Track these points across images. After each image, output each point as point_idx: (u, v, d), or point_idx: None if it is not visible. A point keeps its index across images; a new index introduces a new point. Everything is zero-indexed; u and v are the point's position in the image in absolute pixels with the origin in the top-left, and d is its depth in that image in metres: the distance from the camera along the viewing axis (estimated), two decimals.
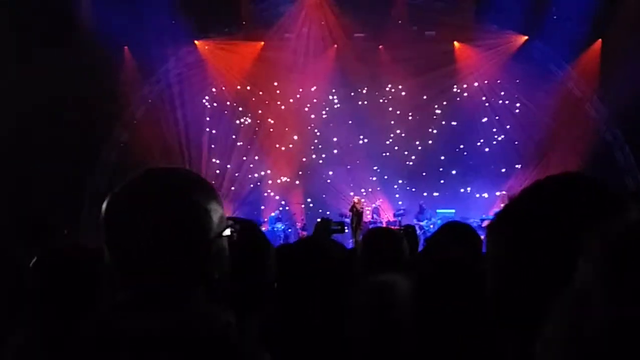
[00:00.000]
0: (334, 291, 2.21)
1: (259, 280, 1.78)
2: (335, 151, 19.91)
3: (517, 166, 18.92)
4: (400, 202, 19.44)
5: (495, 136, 19.49)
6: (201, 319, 1.33)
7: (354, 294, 2.25)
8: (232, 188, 19.25)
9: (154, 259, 1.32)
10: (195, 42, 18.67)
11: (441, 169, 19.66)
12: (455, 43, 19.05)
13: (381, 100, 19.85)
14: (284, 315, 2.13)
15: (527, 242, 0.99)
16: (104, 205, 1.38)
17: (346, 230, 15.61)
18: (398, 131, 19.92)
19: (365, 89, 19.78)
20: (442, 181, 19.67)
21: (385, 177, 19.78)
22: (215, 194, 1.45)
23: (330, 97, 19.83)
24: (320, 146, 19.98)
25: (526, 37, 18.42)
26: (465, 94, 19.65)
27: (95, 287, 2.04)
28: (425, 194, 19.37)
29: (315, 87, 19.55)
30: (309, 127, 19.96)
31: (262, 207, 19.29)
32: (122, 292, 1.36)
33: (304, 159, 19.87)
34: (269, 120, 19.71)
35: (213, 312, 1.37)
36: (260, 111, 19.71)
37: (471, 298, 1.75)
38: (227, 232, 1.46)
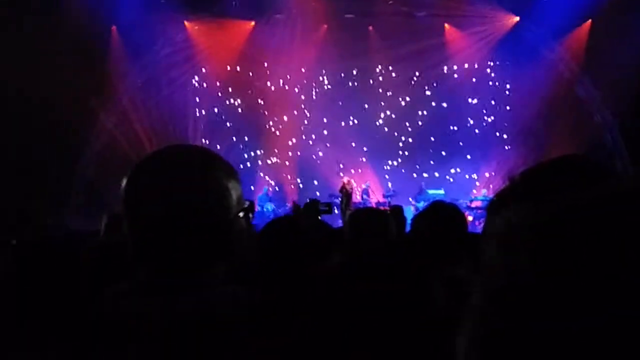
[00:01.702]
0: (309, 268, 2.23)
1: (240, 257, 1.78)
2: (325, 132, 19.87)
3: (506, 147, 18.95)
4: (389, 184, 19.46)
5: (485, 117, 19.53)
6: (225, 297, 1.31)
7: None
8: None
9: (175, 237, 1.29)
10: (185, 22, 18.52)
11: (431, 150, 19.68)
12: (446, 25, 18.99)
13: (371, 81, 19.80)
14: (263, 291, 2.14)
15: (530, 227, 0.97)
16: (124, 182, 1.34)
17: (336, 212, 15.68)
18: (388, 112, 19.92)
19: (355, 70, 19.72)
20: (431, 162, 19.70)
21: (375, 158, 19.77)
22: (235, 173, 1.44)
23: (320, 78, 19.76)
24: (310, 127, 19.92)
25: (517, 18, 18.37)
26: (456, 75, 19.63)
27: (75, 271, 2.02)
28: (414, 175, 19.43)
29: (305, 68, 19.46)
30: (299, 108, 19.89)
31: (252, 188, 19.26)
32: (141, 272, 1.33)
33: (294, 140, 19.83)
34: (259, 101, 19.63)
35: (237, 291, 1.36)
36: (250, 92, 19.61)
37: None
38: (242, 213, 1.42)
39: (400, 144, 19.94)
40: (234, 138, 19.49)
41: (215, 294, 1.31)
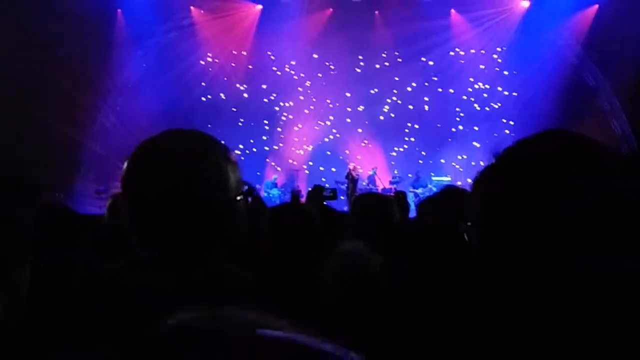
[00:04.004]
0: (315, 254, 2.21)
1: (253, 242, 1.76)
2: (332, 117, 19.85)
3: (512, 134, 18.85)
4: (395, 171, 19.42)
5: (492, 104, 19.44)
6: (223, 275, 1.32)
7: (326, 262, 2.23)
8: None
9: (174, 220, 1.32)
10: (191, 7, 18.47)
11: (437, 136, 19.60)
12: (452, 10, 18.85)
13: (377, 67, 19.71)
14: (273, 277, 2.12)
15: (511, 197, 0.96)
16: (125, 165, 1.38)
17: (342, 198, 15.69)
18: (394, 98, 19.87)
19: (361, 55, 19.64)
20: (438, 148, 19.65)
21: (382, 144, 19.75)
22: (232, 157, 1.44)
23: (327, 63, 19.64)
24: (316, 113, 19.89)
25: (526, 3, 18.22)
26: (462, 61, 19.51)
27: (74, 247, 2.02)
28: (421, 161, 19.41)
29: (311, 53, 19.39)
30: (306, 94, 19.86)
31: (258, 173, 19.25)
32: (141, 251, 1.36)
33: (300, 125, 19.82)
34: (264, 86, 19.60)
35: (235, 270, 1.37)
36: (255, 77, 19.56)
37: (452, 265, 1.73)
38: (241, 196, 1.45)
39: (407, 130, 19.90)
40: (240, 123, 19.47)
41: (219, 271, 1.32)
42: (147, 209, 1.33)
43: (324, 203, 5.11)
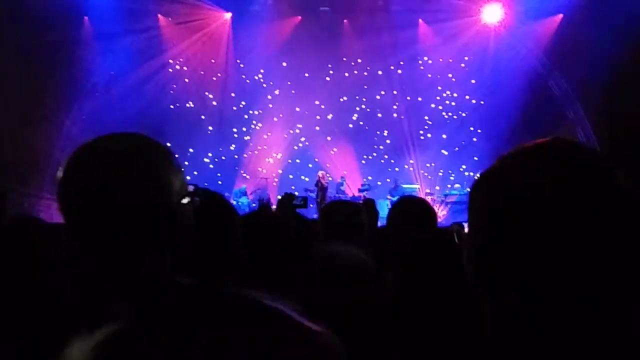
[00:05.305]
0: (291, 262, 2.20)
1: (225, 252, 1.74)
2: (301, 125, 19.86)
3: (479, 142, 19.04)
4: (364, 179, 19.47)
5: (460, 112, 19.62)
6: (166, 283, 1.29)
7: (308, 263, 2.23)
8: (198, 162, 19.10)
9: (111, 225, 1.26)
10: (159, 15, 18.32)
11: (406, 144, 19.73)
12: (420, 20, 18.99)
13: (346, 75, 19.78)
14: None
15: (512, 201, 0.97)
16: (59, 172, 1.32)
17: (311, 206, 15.68)
18: (363, 106, 19.94)
19: (330, 63, 19.69)
20: (406, 156, 19.77)
21: (351, 152, 19.81)
22: (174, 160, 1.38)
23: (295, 72, 19.67)
24: (285, 121, 19.88)
25: (495, 14, 18.36)
26: (430, 70, 19.66)
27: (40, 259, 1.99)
28: (389, 169, 19.50)
29: (279, 61, 19.38)
30: (275, 102, 19.83)
31: (220, 183, 19.07)
32: (81, 262, 1.30)
33: (269, 133, 19.79)
34: (232, 94, 19.56)
35: (178, 278, 1.33)
36: (224, 85, 19.51)
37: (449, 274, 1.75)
38: (187, 199, 1.39)
39: (376, 138, 19.99)
40: (209, 131, 19.39)
41: (157, 280, 1.28)
42: (82, 217, 1.28)
43: (295, 211, 5.11)
